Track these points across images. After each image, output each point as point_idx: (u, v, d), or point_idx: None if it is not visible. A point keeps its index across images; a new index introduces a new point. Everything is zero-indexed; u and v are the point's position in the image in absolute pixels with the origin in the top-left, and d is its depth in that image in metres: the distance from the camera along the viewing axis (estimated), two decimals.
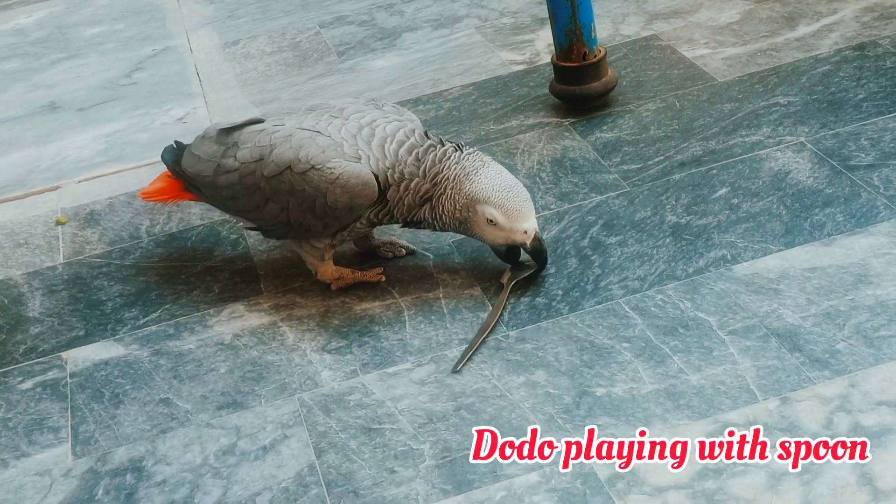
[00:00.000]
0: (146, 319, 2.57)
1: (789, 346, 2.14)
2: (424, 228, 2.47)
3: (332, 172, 2.35)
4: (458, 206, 2.38)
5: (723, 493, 1.87)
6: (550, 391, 2.15)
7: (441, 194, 2.39)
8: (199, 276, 2.70)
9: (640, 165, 2.82)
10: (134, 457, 2.18)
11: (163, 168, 2.76)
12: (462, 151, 2.41)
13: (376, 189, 2.37)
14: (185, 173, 2.60)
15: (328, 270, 2.53)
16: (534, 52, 3.53)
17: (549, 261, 2.48)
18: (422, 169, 2.38)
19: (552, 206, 2.71)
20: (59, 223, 3.03)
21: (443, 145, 2.42)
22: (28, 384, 2.43)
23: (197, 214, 2.96)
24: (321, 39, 3.92)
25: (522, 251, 2.43)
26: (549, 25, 3.08)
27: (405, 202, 2.40)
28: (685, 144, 2.87)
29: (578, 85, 3.07)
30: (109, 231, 2.95)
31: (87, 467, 2.18)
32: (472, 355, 2.26)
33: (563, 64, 3.06)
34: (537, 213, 2.68)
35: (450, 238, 2.65)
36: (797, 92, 3.00)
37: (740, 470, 1.91)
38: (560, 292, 2.42)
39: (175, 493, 2.08)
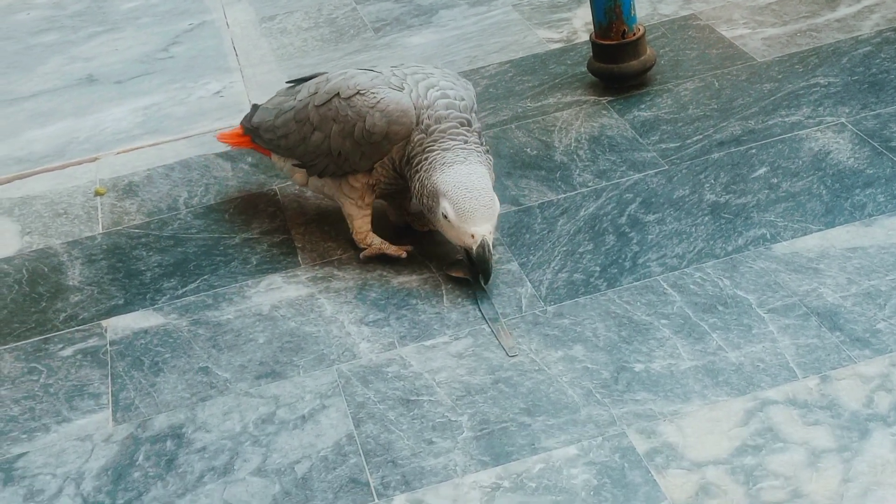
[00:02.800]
0: (185, 290, 2.59)
1: (829, 325, 2.14)
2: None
3: (374, 97, 2.43)
4: (425, 192, 2.37)
5: (762, 469, 1.87)
6: (588, 366, 2.16)
7: (418, 172, 2.39)
8: (237, 248, 2.71)
9: (678, 144, 2.81)
10: (174, 424, 2.20)
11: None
12: (467, 142, 2.39)
13: (413, 119, 2.40)
14: (251, 126, 2.71)
15: (364, 227, 2.55)
16: (571, 31, 3.52)
17: (586, 237, 2.48)
18: (434, 128, 2.40)
19: (590, 184, 2.71)
20: (97, 194, 3.05)
21: (468, 125, 2.42)
22: (69, 351, 2.45)
23: (235, 187, 2.97)
24: (357, 16, 3.92)
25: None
26: (586, 4, 3.08)
27: (411, 155, 2.42)
28: (724, 124, 2.85)
29: (617, 63, 3.06)
30: (148, 202, 2.97)
31: (128, 433, 2.20)
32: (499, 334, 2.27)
33: (602, 42, 3.06)
34: (574, 190, 2.69)
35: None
36: (837, 73, 2.99)
37: (780, 447, 1.91)
38: (598, 269, 2.42)
39: (215, 459, 2.10)
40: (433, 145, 2.38)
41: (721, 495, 1.84)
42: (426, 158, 2.38)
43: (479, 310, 2.34)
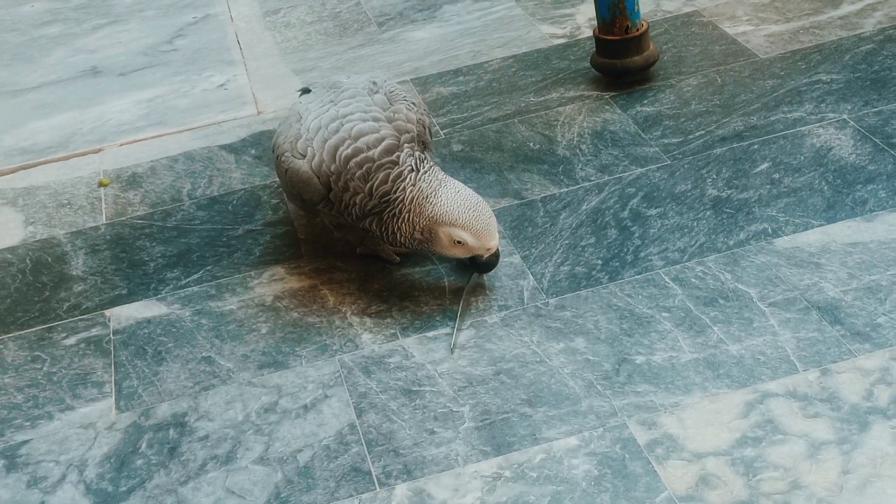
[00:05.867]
0: (188, 280, 2.60)
1: (830, 319, 2.15)
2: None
3: (283, 164, 2.45)
4: (417, 228, 2.33)
5: (762, 460, 1.88)
6: (590, 358, 2.17)
7: (396, 216, 2.34)
8: (240, 239, 2.72)
9: (680, 139, 2.82)
10: (177, 412, 2.21)
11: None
12: (418, 171, 2.34)
13: (320, 187, 2.38)
14: None
15: (353, 239, 2.57)
16: (574, 26, 3.53)
17: (588, 231, 2.50)
18: (368, 186, 2.34)
19: (592, 178, 2.72)
20: (101, 185, 3.06)
21: (400, 165, 2.34)
22: (72, 340, 2.46)
23: (238, 179, 2.98)
24: (361, 10, 3.93)
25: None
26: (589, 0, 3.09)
27: (353, 212, 2.39)
28: (726, 119, 2.86)
29: (620, 59, 3.07)
30: (151, 193, 2.98)
31: (131, 421, 2.21)
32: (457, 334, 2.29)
33: (605, 37, 3.07)
34: (577, 184, 2.70)
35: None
36: (840, 70, 2.99)
37: (780, 439, 1.92)
38: (600, 262, 2.43)
39: (217, 448, 2.11)
40: (394, 192, 2.32)
41: (721, 486, 1.85)
42: (400, 202, 2.32)
43: (459, 306, 2.35)
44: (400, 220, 2.34)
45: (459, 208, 2.29)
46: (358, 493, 1.96)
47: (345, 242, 2.62)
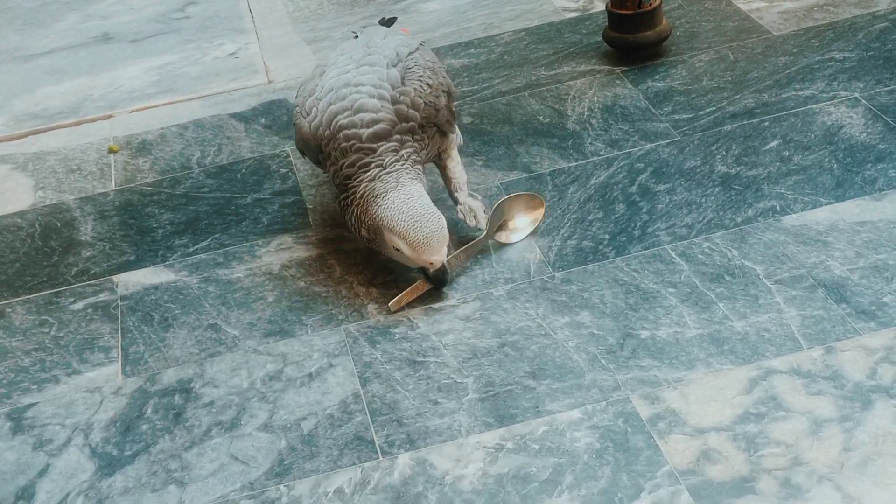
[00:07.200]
0: (196, 247, 2.61)
1: (836, 297, 2.15)
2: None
3: (294, 117, 2.51)
4: (363, 225, 2.30)
5: (764, 436, 1.89)
6: (595, 332, 2.17)
7: (348, 205, 2.33)
8: (249, 208, 2.73)
9: (691, 115, 2.81)
10: (182, 378, 2.22)
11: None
12: (384, 168, 2.28)
13: (314, 147, 2.40)
14: None
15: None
16: (587, 0, 3.51)
17: (596, 205, 2.49)
18: (341, 163, 2.33)
19: (601, 153, 2.71)
20: (111, 151, 3.06)
21: (375, 155, 2.30)
22: (79, 305, 2.48)
23: (247, 147, 2.98)
24: None
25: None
26: None
27: (330, 177, 2.40)
28: (738, 96, 2.85)
29: (632, 33, 3.06)
30: (161, 160, 2.99)
31: (137, 387, 2.22)
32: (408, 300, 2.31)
33: (618, 11, 3.05)
34: (586, 159, 2.69)
35: (497, 180, 2.66)
36: (853, 48, 2.98)
37: (782, 415, 1.92)
38: (607, 237, 2.43)
39: (222, 414, 2.12)
40: (355, 179, 2.31)
41: (722, 461, 1.86)
42: (353, 192, 2.31)
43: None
44: (351, 213, 2.33)
45: (402, 216, 2.23)
46: (361, 462, 1.98)
47: None
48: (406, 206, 2.24)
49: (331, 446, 2.01)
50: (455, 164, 2.52)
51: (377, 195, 2.27)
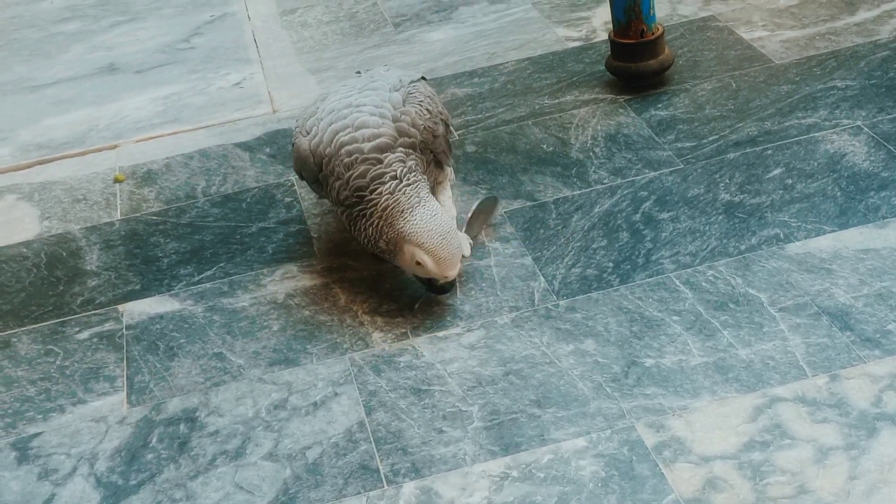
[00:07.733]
0: (201, 276, 2.62)
1: (840, 325, 2.15)
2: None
3: (293, 138, 2.53)
4: (382, 237, 2.32)
5: (769, 464, 1.88)
6: (599, 360, 2.17)
7: (365, 217, 2.34)
8: (254, 237, 2.74)
9: (694, 144, 2.82)
10: (187, 407, 2.23)
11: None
12: (401, 181, 2.32)
13: (314, 166, 2.41)
14: None
15: None
16: (590, 30, 3.53)
17: (600, 233, 2.50)
18: (347, 176, 2.35)
19: (605, 181, 2.72)
20: (116, 181, 3.08)
21: (384, 166, 2.33)
22: (85, 334, 2.48)
23: (252, 177, 3.00)
24: (378, 10, 3.94)
25: None
26: (605, 2, 3.09)
27: (332, 197, 2.41)
28: (740, 124, 2.87)
29: (635, 62, 3.07)
30: (166, 190, 3.00)
31: (142, 416, 2.22)
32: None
33: (621, 40, 3.07)
34: (590, 187, 2.71)
35: (501, 209, 2.67)
36: (855, 76, 2.99)
37: (787, 443, 1.92)
38: (611, 265, 2.43)
39: (227, 443, 2.12)
40: (371, 191, 2.32)
41: (728, 490, 1.85)
42: (373, 204, 2.32)
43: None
44: (367, 224, 2.34)
45: (430, 232, 2.28)
46: (366, 491, 1.97)
47: (357, 242, 2.63)
48: (433, 224, 2.29)
49: (336, 475, 2.01)
50: (446, 198, 2.55)
51: (403, 210, 2.30)
